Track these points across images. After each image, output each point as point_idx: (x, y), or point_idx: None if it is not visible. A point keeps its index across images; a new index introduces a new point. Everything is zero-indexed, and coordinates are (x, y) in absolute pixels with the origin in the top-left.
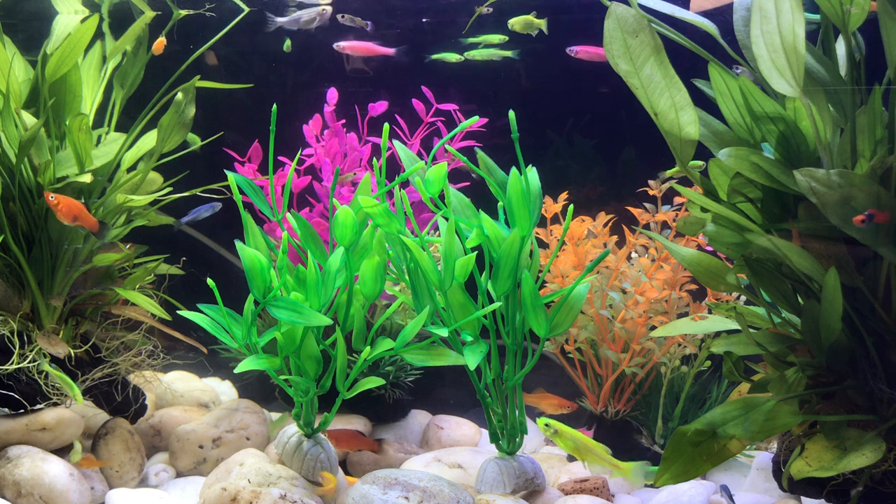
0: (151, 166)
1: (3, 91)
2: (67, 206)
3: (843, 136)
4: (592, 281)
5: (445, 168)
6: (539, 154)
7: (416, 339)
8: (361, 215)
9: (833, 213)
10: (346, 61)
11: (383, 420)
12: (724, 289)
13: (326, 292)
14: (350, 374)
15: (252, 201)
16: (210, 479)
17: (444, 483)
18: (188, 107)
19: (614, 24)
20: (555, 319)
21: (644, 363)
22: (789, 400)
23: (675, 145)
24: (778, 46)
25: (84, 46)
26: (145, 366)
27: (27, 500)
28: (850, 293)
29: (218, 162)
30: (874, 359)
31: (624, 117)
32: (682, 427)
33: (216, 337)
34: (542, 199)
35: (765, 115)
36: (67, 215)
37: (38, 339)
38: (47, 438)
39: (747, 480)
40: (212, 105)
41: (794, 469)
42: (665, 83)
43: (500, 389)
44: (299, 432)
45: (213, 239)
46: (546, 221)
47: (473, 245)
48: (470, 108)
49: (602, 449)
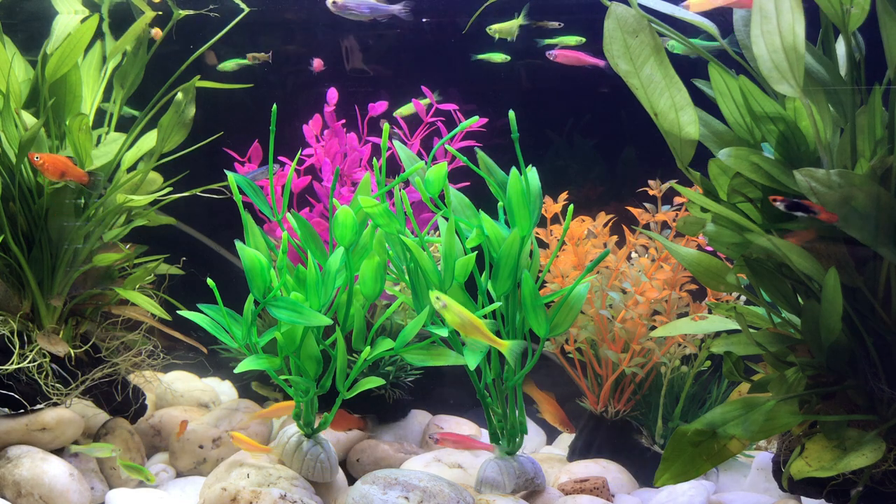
0: (151, 166)
1: (3, 91)
2: (52, 162)
3: (843, 136)
4: (592, 281)
5: (445, 168)
6: (539, 154)
7: (416, 339)
8: (361, 215)
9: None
10: (347, 61)
11: (383, 420)
12: (724, 289)
13: (326, 292)
14: (350, 374)
15: (252, 201)
16: (210, 479)
17: (444, 483)
18: (188, 107)
19: (614, 24)
20: (555, 319)
21: (644, 363)
22: (789, 400)
23: (675, 145)
24: (778, 46)
25: (84, 46)
26: (145, 366)
27: (27, 500)
28: (850, 293)
29: (218, 162)
30: (874, 359)
31: (624, 117)
32: (682, 427)
33: (216, 337)
34: (542, 199)
35: (765, 115)
36: (54, 172)
37: (38, 339)
38: (47, 438)
39: (747, 480)
40: (211, 105)
41: (794, 469)
42: (665, 83)
43: (500, 389)
44: (299, 432)
45: (213, 239)
46: (546, 221)
47: (473, 245)
48: (470, 108)
49: (487, 326)
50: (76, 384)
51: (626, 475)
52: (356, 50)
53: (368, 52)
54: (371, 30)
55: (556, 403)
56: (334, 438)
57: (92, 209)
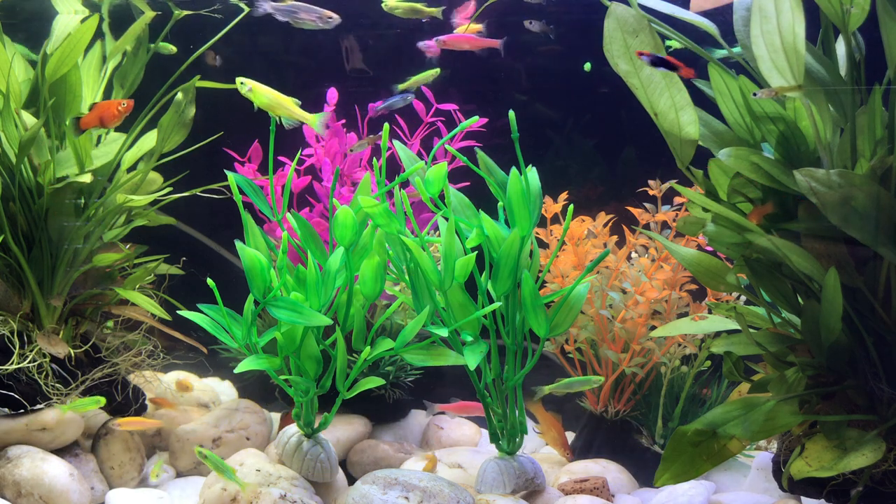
0: (151, 166)
1: (3, 91)
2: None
3: (843, 136)
4: (592, 281)
5: (445, 168)
6: (539, 154)
7: (416, 339)
8: (361, 215)
9: (833, 213)
10: (347, 61)
11: (383, 420)
12: (724, 289)
13: (326, 292)
14: (350, 374)
15: (252, 201)
16: (210, 479)
17: (444, 483)
18: (188, 107)
19: (614, 24)
20: (555, 319)
21: (644, 363)
22: (789, 400)
23: (675, 145)
24: (778, 46)
25: (84, 46)
26: (145, 366)
27: (27, 500)
28: (850, 293)
29: (218, 162)
30: (874, 359)
31: (624, 117)
32: (682, 427)
33: (216, 337)
34: (542, 199)
35: (765, 115)
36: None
37: (38, 339)
38: (47, 438)
39: (747, 480)
40: (211, 105)
41: (794, 469)
42: (665, 83)
43: (500, 389)
44: (299, 432)
45: (213, 239)
46: (546, 221)
47: (473, 245)
48: (470, 108)
49: (292, 102)
50: (76, 384)
51: (626, 475)
52: (356, 50)
53: (368, 51)
54: (371, 30)
55: (560, 427)
56: (334, 438)
57: (92, 209)
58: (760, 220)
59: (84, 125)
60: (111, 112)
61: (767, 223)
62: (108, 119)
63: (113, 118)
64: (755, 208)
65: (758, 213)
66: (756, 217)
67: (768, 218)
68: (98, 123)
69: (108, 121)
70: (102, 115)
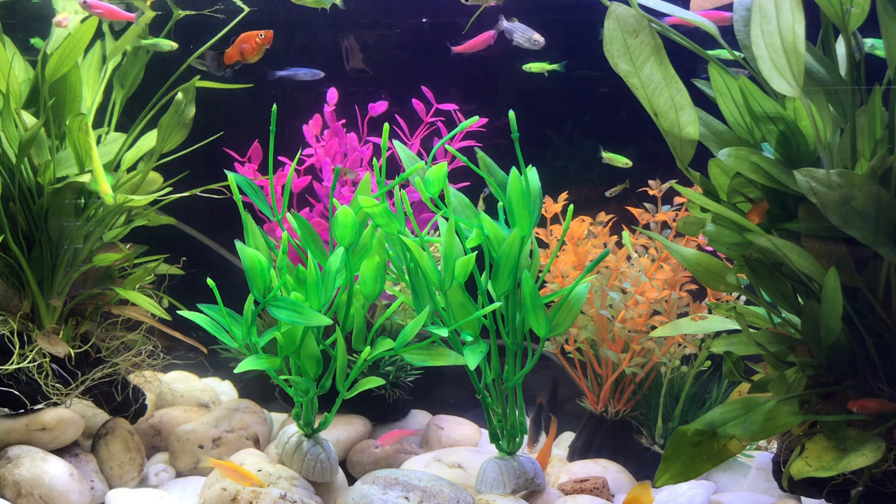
0: (151, 166)
1: (3, 91)
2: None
3: (843, 136)
4: (592, 281)
5: (445, 168)
6: (539, 154)
7: (416, 339)
8: (361, 215)
9: (833, 213)
10: (347, 61)
11: (383, 420)
12: (724, 289)
13: (326, 292)
14: (350, 374)
15: (252, 201)
16: (210, 479)
17: (444, 483)
18: (188, 107)
19: (614, 24)
20: (555, 319)
21: (644, 363)
22: (789, 400)
23: (675, 145)
24: (778, 46)
25: (84, 46)
26: (145, 366)
27: (27, 500)
28: (850, 293)
29: (218, 162)
30: (874, 359)
31: (624, 117)
32: (682, 427)
33: (216, 337)
34: (542, 199)
35: (765, 115)
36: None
37: (38, 339)
38: (47, 438)
39: (747, 480)
40: (211, 105)
41: (794, 469)
42: (665, 83)
43: (500, 389)
44: (299, 432)
45: (213, 239)
46: (546, 221)
47: (473, 245)
48: (470, 108)
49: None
50: (76, 384)
51: (626, 475)
52: (356, 50)
53: (368, 51)
54: (371, 30)
55: (548, 449)
56: (334, 438)
57: (92, 209)
58: (760, 219)
59: (228, 59)
60: (252, 44)
61: (767, 223)
62: (248, 52)
63: (254, 50)
64: (754, 206)
65: (757, 211)
66: (755, 216)
67: (768, 218)
68: (240, 57)
69: (249, 53)
70: (243, 48)
